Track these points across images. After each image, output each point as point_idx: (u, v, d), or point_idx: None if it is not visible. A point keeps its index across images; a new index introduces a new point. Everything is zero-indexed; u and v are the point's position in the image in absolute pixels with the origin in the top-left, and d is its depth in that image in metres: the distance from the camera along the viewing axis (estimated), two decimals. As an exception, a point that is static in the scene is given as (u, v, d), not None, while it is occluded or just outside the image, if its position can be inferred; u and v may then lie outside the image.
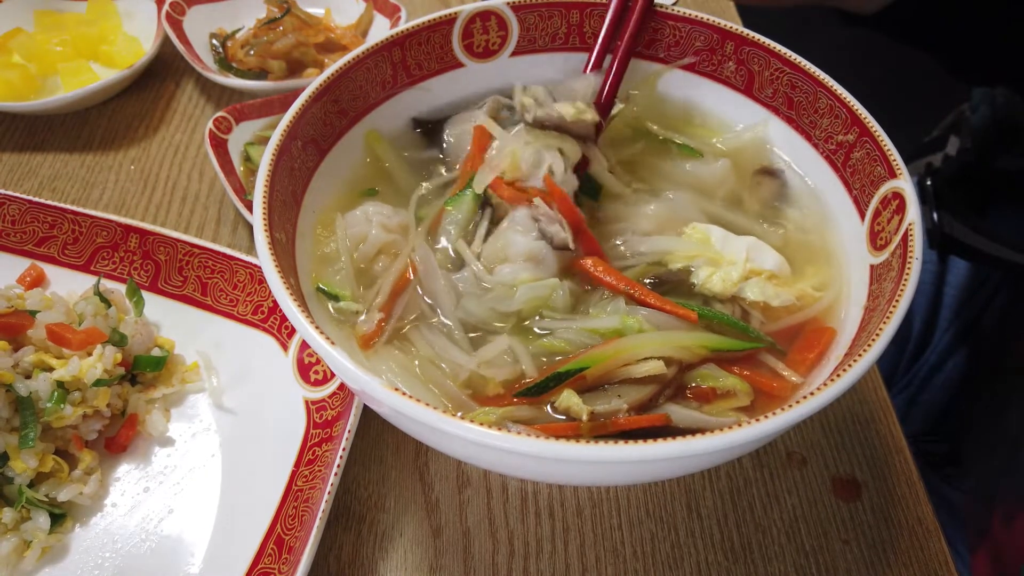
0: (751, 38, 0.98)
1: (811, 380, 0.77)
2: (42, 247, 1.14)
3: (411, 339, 0.83)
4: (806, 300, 0.86)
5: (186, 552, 0.89)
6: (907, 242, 0.75)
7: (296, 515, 0.87)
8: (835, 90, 0.91)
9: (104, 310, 1.02)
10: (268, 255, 0.72)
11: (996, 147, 1.62)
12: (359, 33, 1.64)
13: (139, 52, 1.57)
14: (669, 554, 0.91)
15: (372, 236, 0.89)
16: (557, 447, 0.58)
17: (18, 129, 1.48)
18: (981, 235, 1.51)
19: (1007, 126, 1.62)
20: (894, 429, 1.02)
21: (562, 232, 0.85)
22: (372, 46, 0.97)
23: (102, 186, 1.37)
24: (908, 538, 0.92)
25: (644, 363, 0.76)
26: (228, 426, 1.00)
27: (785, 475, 0.97)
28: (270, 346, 1.04)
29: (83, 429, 0.95)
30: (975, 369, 1.61)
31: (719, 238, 0.89)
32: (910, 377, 1.68)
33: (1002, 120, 1.62)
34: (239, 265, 1.07)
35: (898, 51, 1.69)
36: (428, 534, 0.92)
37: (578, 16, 1.05)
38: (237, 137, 1.34)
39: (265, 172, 0.81)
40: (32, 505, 0.88)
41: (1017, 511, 1.29)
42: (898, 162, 0.82)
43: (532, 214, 0.87)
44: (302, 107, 0.88)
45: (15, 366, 0.93)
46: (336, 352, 0.65)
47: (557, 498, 0.95)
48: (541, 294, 0.83)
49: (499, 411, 0.74)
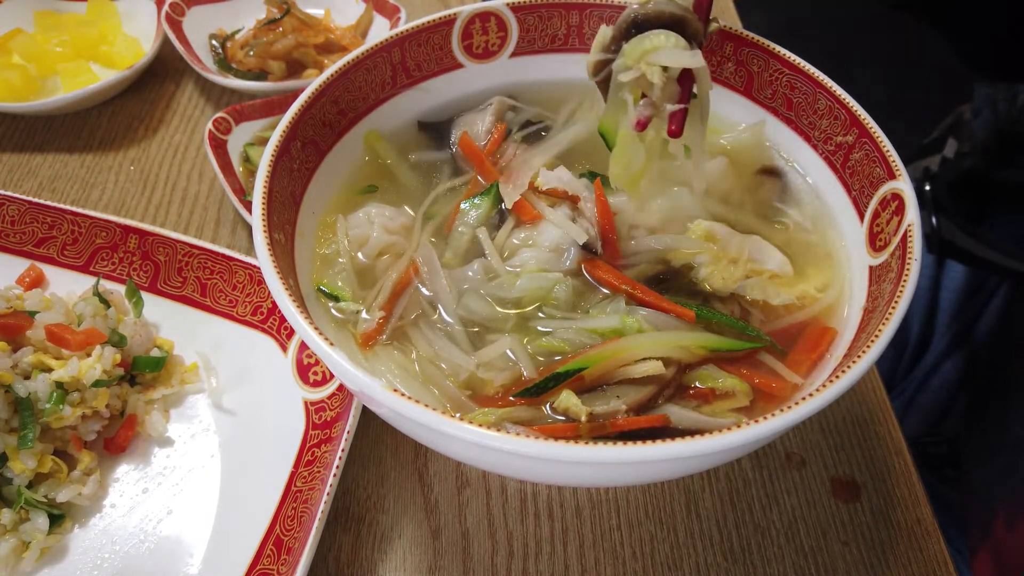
0: (750, 39, 0.98)
1: (811, 381, 0.77)
2: (41, 248, 1.14)
3: (411, 338, 0.83)
4: (807, 300, 0.86)
5: (185, 553, 0.89)
6: (906, 243, 0.75)
7: (295, 516, 0.87)
8: (834, 91, 0.91)
9: (103, 311, 1.02)
10: (267, 256, 0.72)
11: (996, 158, 1.61)
12: (359, 34, 1.64)
13: (139, 53, 1.57)
14: (668, 555, 0.91)
15: (374, 238, 0.90)
16: (556, 448, 0.58)
17: (18, 129, 1.48)
18: (978, 240, 1.51)
19: (1008, 136, 1.62)
20: (893, 430, 1.02)
21: (592, 230, 0.88)
22: (372, 47, 0.97)
23: (102, 187, 1.37)
24: (907, 539, 0.92)
25: (643, 363, 0.76)
26: (227, 427, 1.00)
27: (784, 476, 0.97)
28: (269, 347, 1.04)
29: (82, 430, 0.95)
30: (973, 372, 1.62)
31: (723, 235, 0.90)
32: (908, 379, 1.68)
33: (1003, 129, 1.62)
34: (238, 266, 1.07)
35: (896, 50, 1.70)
36: (427, 535, 0.92)
37: (578, 17, 1.05)
38: (237, 138, 1.34)
39: (264, 173, 0.81)
40: (31, 506, 0.88)
41: (1020, 513, 1.29)
42: (897, 163, 0.82)
43: (571, 214, 0.90)
44: (302, 108, 0.89)
45: (14, 367, 0.93)
46: (335, 353, 0.65)
47: (556, 499, 0.95)
48: (543, 285, 0.84)
49: (498, 412, 0.75)
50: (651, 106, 0.85)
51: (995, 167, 1.62)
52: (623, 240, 0.91)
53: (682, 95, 0.86)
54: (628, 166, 0.89)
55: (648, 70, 0.82)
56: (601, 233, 0.89)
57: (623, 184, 0.91)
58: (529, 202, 0.90)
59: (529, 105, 1.08)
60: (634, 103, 0.86)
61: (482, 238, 0.88)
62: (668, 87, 0.84)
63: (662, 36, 0.82)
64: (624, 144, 0.89)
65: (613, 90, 0.87)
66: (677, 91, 0.86)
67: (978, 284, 1.65)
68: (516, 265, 0.87)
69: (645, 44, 0.82)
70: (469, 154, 0.99)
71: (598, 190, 0.92)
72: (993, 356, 1.59)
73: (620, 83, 0.86)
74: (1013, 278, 1.58)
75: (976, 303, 1.65)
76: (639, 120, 0.85)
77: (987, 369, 1.60)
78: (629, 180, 0.90)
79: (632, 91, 0.86)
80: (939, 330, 1.67)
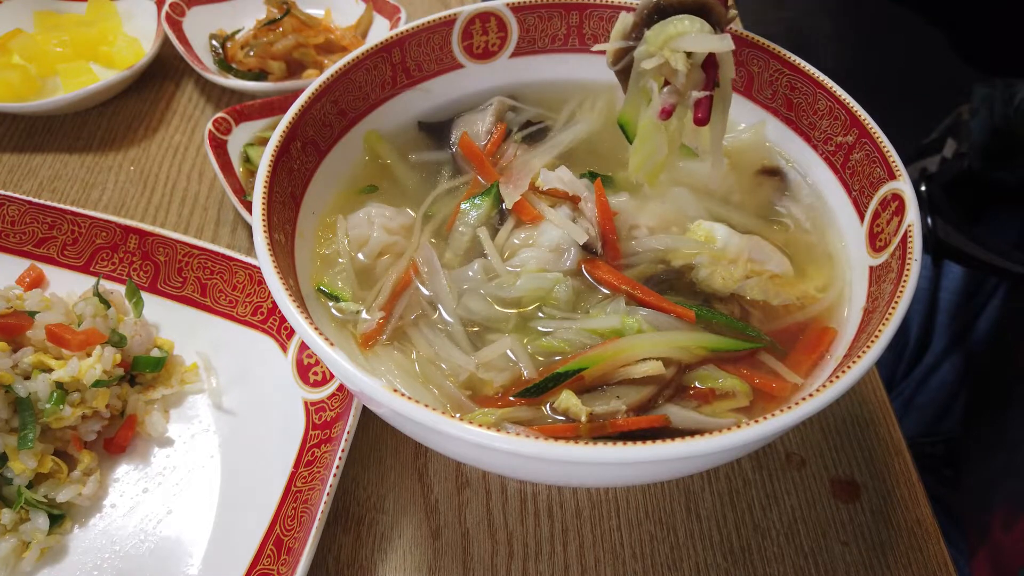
0: (751, 39, 0.98)
1: (811, 381, 0.77)
2: (41, 248, 1.14)
3: (411, 338, 0.83)
4: (807, 301, 0.86)
5: (185, 553, 0.89)
6: (906, 244, 0.75)
7: (295, 516, 0.87)
8: (834, 91, 0.91)
9: (103, 311, 1.02)
10: (267, 256, 0.73)
11: (993, 158, 1.61)
12: (359, 34, 1.64)
13: (139, 53, 1.57)
14: (668, 555, 0.91)
15: (374, 238, 0.90)
16: (555, 448, 0.58)
17: (18, 130, 1.48)
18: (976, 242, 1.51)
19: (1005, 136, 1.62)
20: (893, 431, 1.02)
21: (592, 230, 0.88)
22: (372, 47, 0.97)
23: (102, 187, 1.37)
24: (907, 539, 0.92)
25: (642, 364, 0.76)
26: (227, 427, 1.00)
27: (784, 476, 0.97)
28: (269, 347, 1.04)
29: (82, 430, 0.95)
30: (971, 372, 1.62)
31: (723, 236, 0.90)
32: (907, 380, 1.68)
33: (1000, 129, 1.62)
34: (238, 266, 1.07)
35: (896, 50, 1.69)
36: (427, 535, 0.92)
37: (578, 17, 1.05)
38: (237, 138, 1.34)
39: (264, 173, 0.81)
40: (31, 506, 0.88)
41: (1017, 513, 1.30)
42: (897, 164, 0.82)
43: (572, 214, 0.90)
44: (302, 108, 0.89)
45: (14, 367, 0.93)
46: (335, 353, 0.65)
47: (556, 499, 0.95)
48: (543, 285, 0.84)
49: (498, 412, 0.75)
50: (676, 94, 0.83)
51: (992, 167, 1.62)
52: (623, 240, 0.91)
53: (707, 82, 0.84)
54: (651, 156, 0.87)
55: (672, 57, 0.80)
56: (601, 233, 0.89)
57: (644, 176, 0.89)
58: (529, 202, 0.90)
59: (529, 105, 1.08)
60: (658, 91, 0.85)
61: (482, 238, 0.88)
62: (693, 74, 0.82)
63: (686, 21, 0.80)
64: (646, 134, 0.87)
65: (634, 78, 0.85)
66: (702, 78, 0.83)
67: (976, 285, 1.65)
68: (516, 265, 0.87)
69: (669, 29, 0.80)
70: (469, 154, 0.99)
71: (598, 190, 0.92)
72: (991, 357, 1.60)
73: (642, 71, 0.84)
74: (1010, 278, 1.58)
75: (975, 304, 1.65)
76: (664, 108, 0.83)
77: (985, 370, 1.60)
78: (651, 172, 0.88)
79: (656, 79, 0.84)
80: (938, 331, 1.68)
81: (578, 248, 0.87)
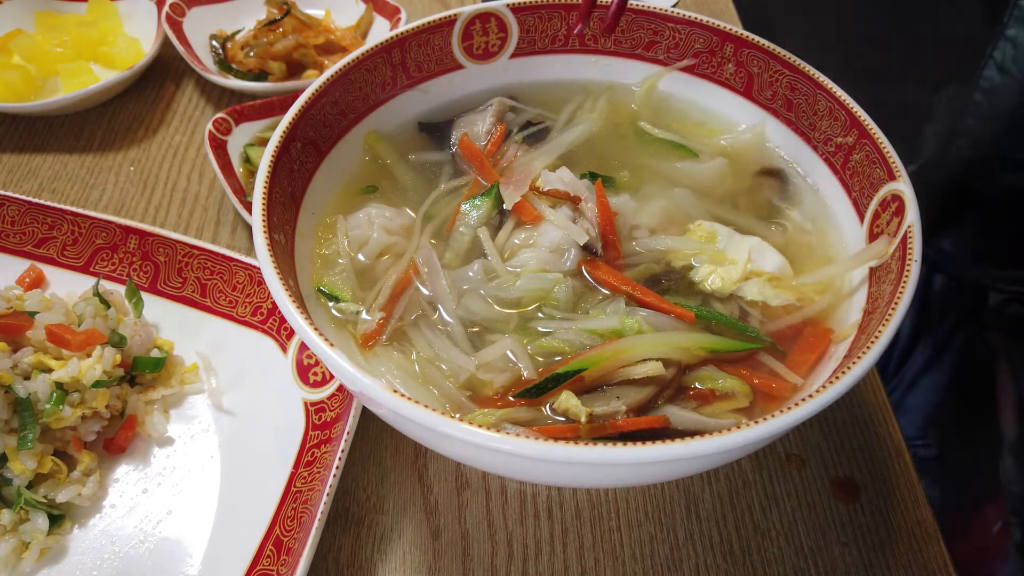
0: (751, 40, 0.98)
1: (811, 382, 0.77)
2: (41, 248, 1.14)
3: (411, 339, 0.83)
4: (807, 301, 0.86)
5: (184, 553, 0.88)
6: (906, 244, 0.75)
7: (295, 516, 0.87)
8: (834, 92, 0.91)
9: (103, 311, 1.02)
10: (267, 256, 0.73)
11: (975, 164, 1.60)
12: (359, 35, 1.64)
13: (139, 53, 1.57)
14: (668, 556, 0.91)
15: (374, 239, 0.90)
16: (555, 449, 0.58)
17: (18, 130, 1.48)
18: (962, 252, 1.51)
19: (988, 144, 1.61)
20: (893, 431, 1.02)
21: (593, 231, 0.88)
22: (372, 48, 0.97)
23: (102, 187, 1.37)
24: (907, 540, 0.92)
25: (642, 364, 0.76)
26: (227, 427, 0.99)
27: (784, 477, 0.97)
28: (269, 347, 1.04)
29: (82, 430, 0.95)
30: (961, 373, 1.62)
31: (723, 236, 0.90)
32: (896, 381, 1.68)
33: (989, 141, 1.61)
34: (238, 266, 1.07)
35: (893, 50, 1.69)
36: (427, 536, 0.92)
37: (577, 18, 1.05)
38: (237, 138, 1.34)
39: (264, 173, 0.81)
40: (31, 506, 0.88)
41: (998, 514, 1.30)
42: (897, 164, 0.82)
43: (572, 215, 0.90)
44: (302, 108, 0.89)
45: (14, 367, 0.93)
46: (335, 353, 0.65)
47: (556, 500, 0.95)
48: (543, 285, 0.84)
49: (498, 413, 0.75)
50: None
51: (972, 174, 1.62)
52: (623, 241, 0.91)
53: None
54: None
55: None
56: (601, 234, 0.89)
57: None
58: (530, 203, 0.90)
59: (529, 106, 1.08)
60: None
61: (483, 238, 0.88)
62: None
63: None
64: None
65: None
66: None
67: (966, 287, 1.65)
68: (516, 265, 0.87)
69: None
70: (469, 155, 0.99)
71: (599, 191, 0.92)
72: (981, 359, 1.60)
73: None
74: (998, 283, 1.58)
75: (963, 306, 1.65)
76: None
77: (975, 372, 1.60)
78: None
79: None
80: (928, 332, 1.68)
81: (578, 249, 0.87)
